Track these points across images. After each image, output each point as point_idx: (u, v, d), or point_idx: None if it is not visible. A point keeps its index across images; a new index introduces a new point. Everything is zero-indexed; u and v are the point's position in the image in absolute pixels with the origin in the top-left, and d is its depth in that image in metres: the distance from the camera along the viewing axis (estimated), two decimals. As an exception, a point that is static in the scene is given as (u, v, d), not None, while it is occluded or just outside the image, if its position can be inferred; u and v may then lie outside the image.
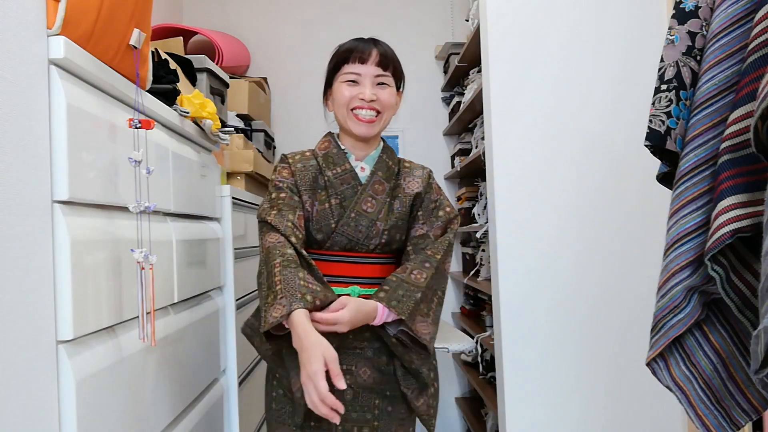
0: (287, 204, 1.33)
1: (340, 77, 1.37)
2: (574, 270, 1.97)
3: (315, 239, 1.36)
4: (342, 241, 1.35)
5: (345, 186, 1.36)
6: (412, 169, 1.46)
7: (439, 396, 1.40)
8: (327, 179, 1.36)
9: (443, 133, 3.39)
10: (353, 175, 1.38)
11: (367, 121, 1.35)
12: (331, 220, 1.34)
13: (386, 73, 1.37)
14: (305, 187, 1.36)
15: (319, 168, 1.38)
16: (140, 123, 1.06)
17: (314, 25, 3.30)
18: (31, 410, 0.83)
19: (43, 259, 0.87)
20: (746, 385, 1.00)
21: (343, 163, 1.38)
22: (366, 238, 1.35)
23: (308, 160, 1.40)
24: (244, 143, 2.33)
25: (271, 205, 1.34)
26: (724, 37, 0.96)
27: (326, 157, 1.39)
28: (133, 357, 1.11)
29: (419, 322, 1.29)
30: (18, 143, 0.82)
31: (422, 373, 1.34)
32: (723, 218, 0.87)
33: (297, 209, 1.34)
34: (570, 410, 1.96)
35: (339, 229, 1.34)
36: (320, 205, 1.35)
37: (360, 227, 1.34)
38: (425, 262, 1.33)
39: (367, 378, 1.35)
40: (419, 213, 1.41)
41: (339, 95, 1.37)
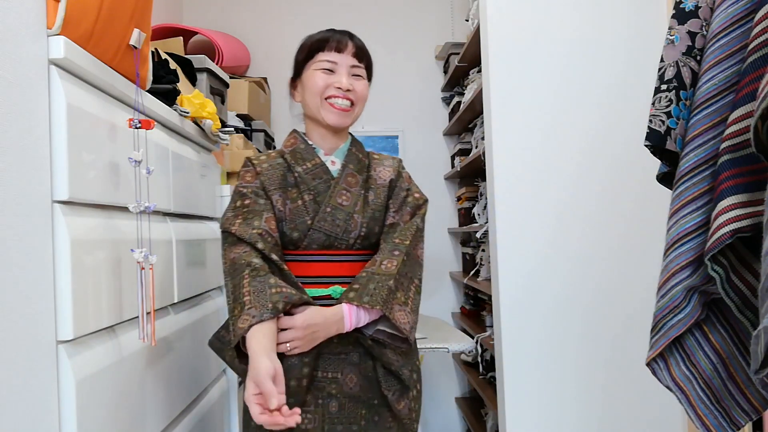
0: (252, 210, 1.27)
1: (313, 65, 1.33)
2: (574, 270, 1.97)
3: (291, 239, 1.29)
4: (320, 237, 1.29)
5: (317, 181, 1.32)
6: (382, 160, 1.42)
7: (421, 399, 1.36)
8: (297, 175, 1.31)
9: (443, 133, 3.39)
10: (324, 169, 1.33)
11: (342, 110, 1.32)
12: (306, 217, 1.29)
13: (361, 64, 1.35)
14: (274, 186, 1.31)
15: (288, 165, 1.33)
16: (140, 123, 1.06)
17: (314, 25, 3.27)
18: (31, 410, 0.83)
19: (43, 259, 0.87)
20: (746, 385, 1.00)
21: (312, 158, 1.34)
22: (344, 233, 1.30)
23: (274, 159, 1.35)
24: (244, 143, 2.33)
25: (235, 213, 1.28)
26: (724, 37, 0.96)
27: (294, 153, 1.34)
28: (133, 357, 1.11)
29: (397, 310, 1.23)
30: (18, 143, 0.82)
31: (403, 375, 1.29)
32: (723, 218, 0.87)
33: (264, 212, 1.27)
34: (570, 410, 1.96)
35: (315, 225, 1.28)
36: (293, 203, 1.30)
37: (337, 221, 1.29)
38: (394, 250, 1.28)
39: (354, 386, 1.28)
40: (390, 202, 1.36)
41: (312, 83, 1.32)
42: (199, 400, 1.53)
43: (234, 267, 1.22)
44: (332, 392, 1.27)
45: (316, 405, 1.26)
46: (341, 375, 1.28)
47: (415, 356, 1.36)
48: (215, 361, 1.69)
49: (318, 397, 1.26)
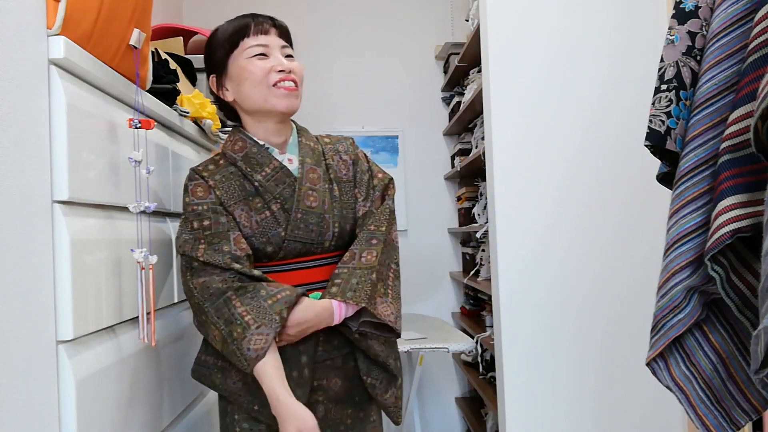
0: (215, 233, 1.16)
1: (242, 54, 1.22)
2: (574, 269, 1.97)
3: (264, 253, 1.21)
4: (296, 247, 1.21)
5: (281, 186, 1.22)
6: (335, 145, 1.33)
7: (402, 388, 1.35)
8: (258, 184, 1.21)
9: (443, 133, 3.39)
10: (285, 171, 1.23)
11: (291, 90, 1.21)
12: (279, 228, 1.21)
13: (288, 44, 1.27)
14: (233, 199, 1.20)
15: (242, 173, 1.22)
16: (140, 123, 1.06)
17: (314, 25, 3.30)
18: (31, 410, 0.83)
19: (43, 259, 0.87)
20: (746, 385, 1.00)
21: (269, 161, 1.23)
22: (319, 236, 1.23)
23: (225, 168, 1.23)
24: (244, 143, 2.33)
25: (194, 236, 1.16)
26: (724, 37, 0.96)
27: (247, 158, 1.23)
28: (133, 357, 1.11)
29: (380, 304, 1.20)
30: (18, 143, 0.82)
31: (389, 365, 1.28)
32: (723, 218, 0.87)
33: (230, 232, 1.17)
34: (570, 410, 1.96)
35: (290, 235, 1.20)
36: (258, 214, 1.20)
37: (311, 226, 1.22)
38: (371, 239, 1.24)
39: (338, 389, 1.28)
40: (356, 191, 1.30)
41: (249, 72, 1.20)
42: (199, 401, 1.53)
43: (209, 291, 1.14)
44: (318, 399, 1.26)
45: None
46: (326, 381, 1.27)
47: (396, 345, 1.34)
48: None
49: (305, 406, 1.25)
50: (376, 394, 1.29)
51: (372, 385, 1.29)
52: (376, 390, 1.29)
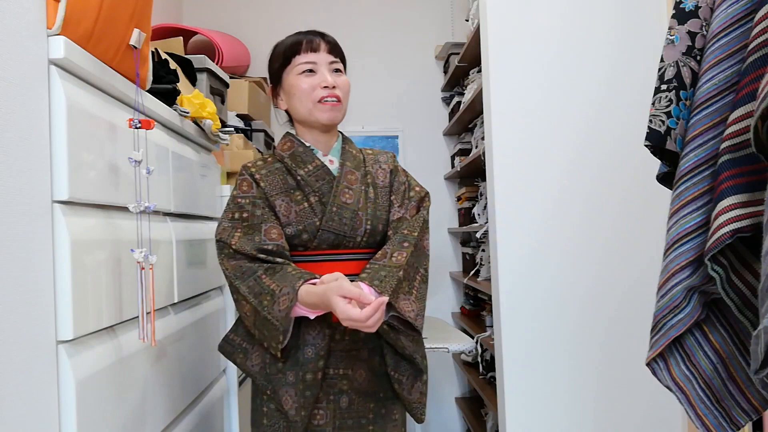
0: (251, 225, 1.28)
1: (293, 70, 1.34)
2: (574, 270, 1.97)
3: (301, 240, 1.31)
4: (329, 237, 1.31)
5: (320, 182, 1.33)
6: (376, 156, 1.46)
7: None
8: (300, 178, 1.33)
9: (443, 133, 3.39)
10: (326, 170, 1.35)
11: (333, 105, 1.33)
12: (315, 218, 1.31)
13: (337, 60, 1.38)
14: (276, 191, 1.31)
15: (287, 169, 1.34)
16: (140, 123, 1.06)
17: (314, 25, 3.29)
18: (31, 410, 0.83)
19: (43, 259, 0.87)
20: (746, 385, 1.00)
21: (312, 159, 1.35)
22: (352, 230, 1.32)
23: (272, 164, 1.35)
24: (244, 143, 2.33)
25: (233, 225, 1.28)
26: (724, 37, 0.96)
27: (293, 156, 1.35)
28: (133, 357, 1.11)
29: (402, 300, 1.25)
30: (18, 143, 0.82)
31: (416, 360, 1.33)
32: (723, 218, 0.87)
33: (263, 224, 1.28)
34: (570, 410, 1.96)
35: (324, 225, 1.30)
36: (298, 205, 1.31)
37: (344, 220, 1.31)
38: (403, 242, 1.31)
39: (363, 381, 1.33)
40: (393, 198, 1.40)
41: (297, 88, 1.33)
42: (199, 400, 1.53)
43: (241, 270, 1.25)
44: (343, 388, 1.32)
45: (327, 401, 1.31)
46: (351, 371, 1.32)
47: (423, 344, 1.39)
48: (215, 361, 1.69)
49: (329, 394, 1.31)
50: (402, 390, 1.34)
51: (398, 380, 1.34)
52: (403, 385, 1.34)
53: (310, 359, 1.27)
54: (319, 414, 1.30)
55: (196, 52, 2.67)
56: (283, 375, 1.28)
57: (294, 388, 1.27)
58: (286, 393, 1.27)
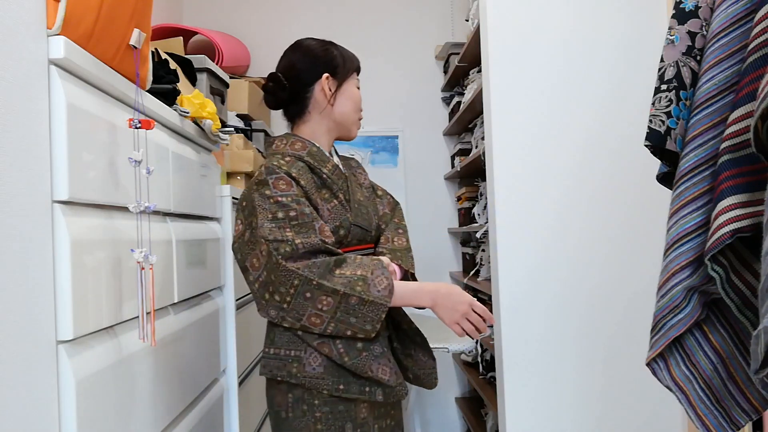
0: (302, 224, 1.24)
1: (353, 80, 1.44)
2: (574, 270, 1.97)
3: (338, 237, 1.33)
4: (358, 232, 1.38)
5: (341, 181, 1.39)
6: (347, 161, 1.53)
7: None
8: (326, 176, 1.36)
9: (443, 133, 3.39)
10: (340, 170, 1.41)
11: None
12: (347, 214, 1.36)
13: None
14: (312, 190, 1.31)
15: (310, 168, 1.35)
16: (140, 123, 1.06)
17: (314, 25, 3.29)
18: (31, 410, 0.83)
19: (43, 259, 0.87)
20: (746, 385, 1.00)
21: (328, 159, 1.39)
22: (370, 225, 1.41)
23: (296, 163, 1.33)
24: (244, 143, 2.33)
25: (278, 225, 1.22)
26: (724, 37, 0.96)
27: (312, 155, 1.36)
28: (133, 357, 1.11)
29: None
30: (18, 143, 0.82)
31: (419, 332, 1.44)
32: (723, 218, 0.87)
33: (314, 222, 1.25)
34: (570, 410, 1.96)
35: (354, 221, 1.37)
36: (328, 203, 1.34)
37: (365, 216, 1.40)
38: (398, 228, 1.47)
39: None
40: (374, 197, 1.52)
41: (357, 99, 1.43)
42: (199, 400, 1.53)
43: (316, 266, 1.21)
44: None
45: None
46: None
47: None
48: (215, 361, 1.69)
49: None
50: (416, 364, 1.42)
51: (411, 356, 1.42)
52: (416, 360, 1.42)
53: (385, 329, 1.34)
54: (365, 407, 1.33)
55: (196, 52, 2.67)
56: (368, 352, 1.25)
57: (385, 356, 1.27)
58: (380, 365, 1.25)
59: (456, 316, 1.27)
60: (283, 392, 1.31)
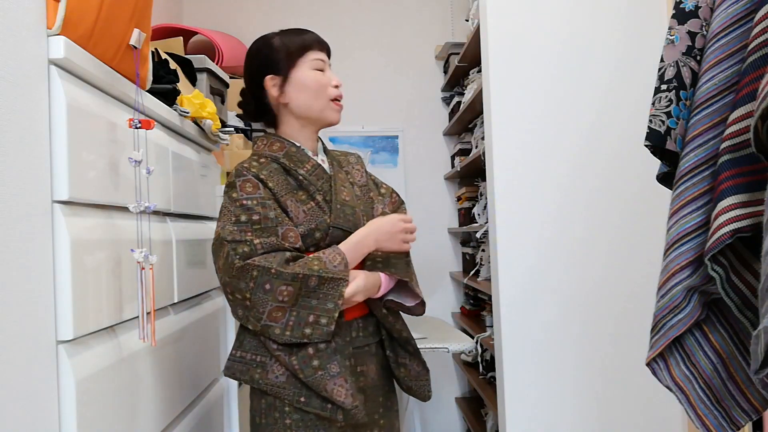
0: (264, 228, 1.22)
1: (305, 64, 1.32)
2: (574, 270, 1.97)
3: (313, 239, 1.28)
4: (338, 234, 1.31)
5: (321, 181, 1.33)
6: (346, 156, 1.49)
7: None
8: (302, 177, 1.31)
9: (443, 133, 3.39)
10: (322, 169, 1.35)
11: (340, 107, 1.36)
12: (324, 216, 1.30)
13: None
14: (284, 191, 1.27)
15: (285, 169, 1.31)
16: (140, 123, 1.06)
17: (314, 25, 3.29)
18: (31, 410, 0.83)
19: (43, 259, 0.87)
20: (746, 385, 1.00)
21: (307, 159, 1.33)
22: (355, 226, 1.33)
23: (270, 165, 1.30)
24: (244, 143, 2.33)
25: (241, 229, 1.20)
26: (724, 37, 0.96)
27: (288, 156, 1.32)
28: (133, 357, 1.11)
29: (415, 282, 1.38)
30: (18, 143, 0.82)
31: (411, 341, 1.40)
32: (723, 218, 0.87)
33: (279, 227, 1.23)
34: (570, 410, 1.96)
35: (334, 222, 1.30)
36: (304, 204, 1.29)
37: (348, 216, 1.33)
38: None
39: (374, 376, 1.36)
40: (371, 194, 1.45)
41: (314, 83, 1.31)
42: (199, 400, 1.53)
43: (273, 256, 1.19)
44: (360, 386, 1.32)
45: None
46: (366, 367, 1.34)
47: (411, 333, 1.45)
48: (215, 361, 1.69)
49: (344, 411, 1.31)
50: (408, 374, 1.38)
51: (402, 365, 1.38)
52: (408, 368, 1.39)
53: (342, 346, 1.26)
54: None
55: (196, 52, 2.67)
56: (324, 371, 1.20)
57: (341, 377, 1.21)
58: (335, 385, 1.20)
59: (398, 240, 1.31)
60: (258, 397, 1.29)
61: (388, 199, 1.48)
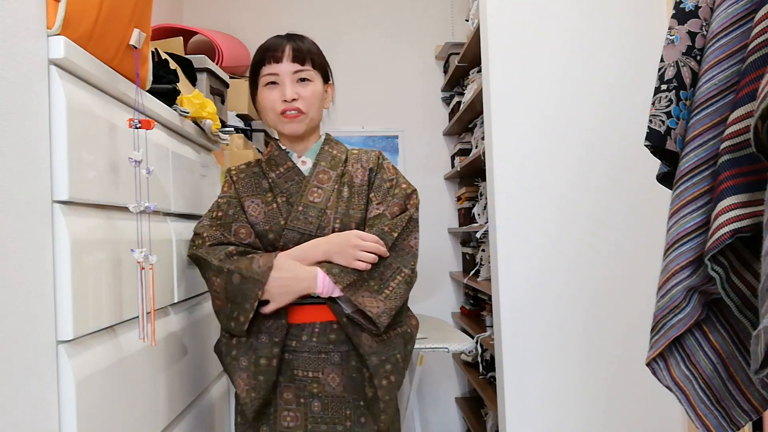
0: (223, 223, 1.36)
1: (260, 81, 1.38)
2: (574, 270, 1.97)
3: (268, 240, 1.35)
4: (294, 236, 1.33)
5: (289, 183, 1.38)
6: (359, 154, 1.44)
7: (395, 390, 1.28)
8: (271, 180, 1.39)
9: (443, 133, 3.39)
10: (296, 171, 1.39)
11: (293, 117, 1.35)
12: (280, 218, 1.35)
13: (305, 67, 1.35)
14: (248, 193, 1.39)
15: (263, 173, 1.41)
16: (140, 123, 1.06)
17: (314, 25, 3.29)
18: (31, 410, 0.83)
19: (43, 259, 0.87)
20: (746, 385, 1.00)
21: (285, 162, 1.40)
22: (318, 229, 1.32)
23: (252, 168, 1.43)
24: (244, 143, 2.33)
25: (210, 223, 1.37)
26: (724, 37, 0.96)
27: (269, 160, 1.42)
28: (133, 357, 1.11)
29: (366, 296, 1.25)
30: (18, 143, 0.82)
31: (370, 361, 1.25)
32: (723, 218, 0.87)
33: (233, 223, 1.36)
34: (570, 410, 1.96)
35: (289, 225, 1.33)
36: (267, 206, 1.37)
37: (310, 219, 1.33)
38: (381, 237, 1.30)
39: (336, 386, 1.29)
40: (371, 195, 1.38)
41: (263, 100, 1.38)
42: (199, 400, 1.53)
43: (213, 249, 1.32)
44: (314, 391, 1.30)
45: (297, 404, 1.30)
46: (322, 374, 1.30)
47: (398, 349, 1.30)
48: (215, 361, 1.69)
49: (300, 396, 1.31)
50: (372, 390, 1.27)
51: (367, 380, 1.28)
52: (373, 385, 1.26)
53: (264, 344, 1.29)
54: (290, 416, 1.31)
55: (196, 52, 2.67)
56: (237, 362, 1.30)
57: (246, 371, 1.29)
58: (238, 377, 1.29)
59: (349, 255, 1.27)
60: None
61: (398, 201, 1.38)
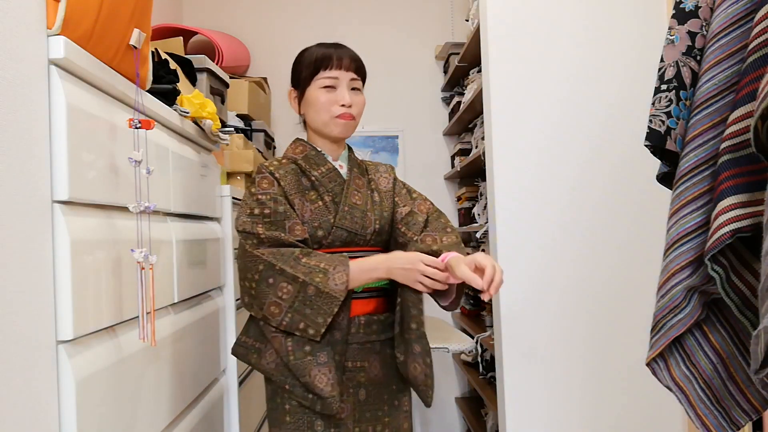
0: (273, 222, 1.32)
1: (317, 82, 1.40)
2: (574, 270, 1.97)
3: (315, 237, 1.36)
4: (342, 234, 1.38)
5: (333, 183, 1.41)
6: (377, 167, 1.54)
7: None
8: (315, 178, 1.40)
9: (443, 133, 3.39)
10: (337, 173, 1.43)
11: (347, 120, 1.40)
12: (329, 216, 1.37)
13: (358, 78, 1.43)
14: (293, 191, 1.37)
15: (301, 170, 1.41)
16: (140, 123, 1.06)
17: (314, 25, 3.30)
18: (31, 410, 0.83)
19: (43, 259, 0.87)
20: (746, 385, 1.00)
21: (324, 162, 1.43)
22: (362, 229, 1.40)
23: (287, 166, 1.41)
24: (244, 143, 2.33)
25: (253, 220, 1.31)
26: (724, 37, 0.96)
27: (307, 159, 1.42)
28: (133, 357, 1.11)
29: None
30: (18, 143, 0.82)
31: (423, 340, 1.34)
32: (723, 218, 0.87)
33: (286, 221, 1.33)
34: (570, 410, 1.96)
35: (338, 223, 1.37)
36: (312, 204, 1.38)
37: (355, 219, 1.39)
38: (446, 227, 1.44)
39: (378, 373, 1.39)
40: (396, 200, 1.49)
41: (317, 102, 1.40)
42: (199, 401, 1.53)
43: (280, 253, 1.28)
44: (361, 381, 1.37)
45: (347, 394, 1.35)
46: (368, 364, 1.38)
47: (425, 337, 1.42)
48: (215, 361, 1.69)
49: (349, 387, 1.36)
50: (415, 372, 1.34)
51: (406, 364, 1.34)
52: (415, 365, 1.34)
53: (338, 341, 1.31)
54: (341, 407, 1.32)
55: (196, 52, 2.67)
56: (313, 357, 1.28)
57: (327, 366, 1.28)
58: (319, 372, 1.27)
59: (411, 279, 1.30)
60: (266, 383, 1.40)
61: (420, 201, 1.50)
